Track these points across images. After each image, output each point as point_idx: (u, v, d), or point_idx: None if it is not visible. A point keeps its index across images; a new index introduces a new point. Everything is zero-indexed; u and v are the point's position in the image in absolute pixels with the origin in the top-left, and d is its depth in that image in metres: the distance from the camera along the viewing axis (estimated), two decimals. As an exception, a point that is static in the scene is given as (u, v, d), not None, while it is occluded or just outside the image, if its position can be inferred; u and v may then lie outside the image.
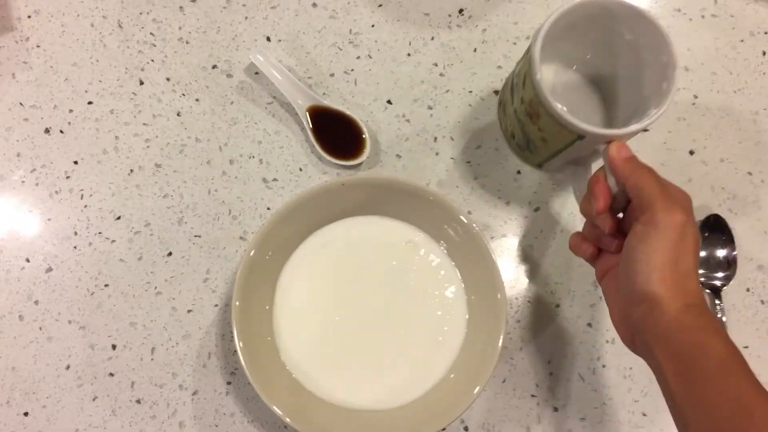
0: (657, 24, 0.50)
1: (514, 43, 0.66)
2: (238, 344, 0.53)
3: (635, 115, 0.53)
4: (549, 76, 0.60)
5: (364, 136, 0.62)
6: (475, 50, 0.65)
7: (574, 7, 0.51)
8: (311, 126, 0.62)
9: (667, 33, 0.50)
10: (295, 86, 0.62)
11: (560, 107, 0.50)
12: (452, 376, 0.56)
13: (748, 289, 0.61)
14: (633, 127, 0.50)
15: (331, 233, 0.60)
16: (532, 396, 0.59)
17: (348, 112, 0.62)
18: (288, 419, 0.52)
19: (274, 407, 0.52)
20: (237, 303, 0.54)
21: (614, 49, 0.56)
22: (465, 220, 0.56)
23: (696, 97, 0.65)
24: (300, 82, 0.62)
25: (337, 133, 0.63)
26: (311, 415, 0.54)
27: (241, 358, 0.53)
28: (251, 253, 0.55)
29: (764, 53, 0.66)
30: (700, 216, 0.61)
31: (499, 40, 0.66)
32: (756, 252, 0.61)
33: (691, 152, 0.64)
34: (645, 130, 0.57)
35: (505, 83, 0.62)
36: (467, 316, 0.58)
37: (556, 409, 0.59)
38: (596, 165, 0.53)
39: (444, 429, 0.57)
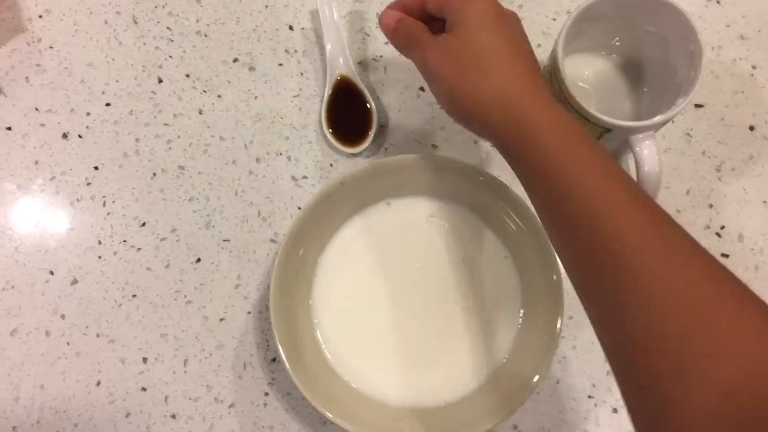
0: (683, 12, 0.49)
1: (554, 19, 0.61)
2: (282, 353, 0.50)
3: (667, 101, 0.51)
4: (578, 65, 0.57)
5: (370, 132, 0.58)
6: (511, 29, 0.61)
7: (595, 2, 0.50)
8: (330, 96, 0.59)
9: (692, 21, 0.48)
10: (341, 45, 0.59)
11: (584, 103, 0.49)
12: (508, 364, 0.53)
13: (820, 274, 0.56)
14: (659, 118, 0.48)
15: (366, 219, 0.57)
16: (589, 397, 0.55)
17: (370, 101, 0.59)
18: (339, 420, 0.49)
19: (324, 410, 0.49)
20: (274, 309, 0.51)
21: (642, 36, 0.54)
22: (517, 199, 0.52)
23: (754, 67, 0.60)
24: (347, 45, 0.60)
25: (350, 117, 0.59)
26: (360, 415, 0.52)
27: (288, 367, 0.50)
28: (283, 255, 0.52)
29: (827, 16, 0.61)
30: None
31: (537, 17, 0.61)
32: (827, 233, 0.57)
33: (751, 128, 0.59)
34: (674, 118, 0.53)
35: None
36: (521, 297, 0.55)
37: (615, 411, 0.55)
38: (629, 157, 0.49)
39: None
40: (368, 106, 0.59)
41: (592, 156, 0.38)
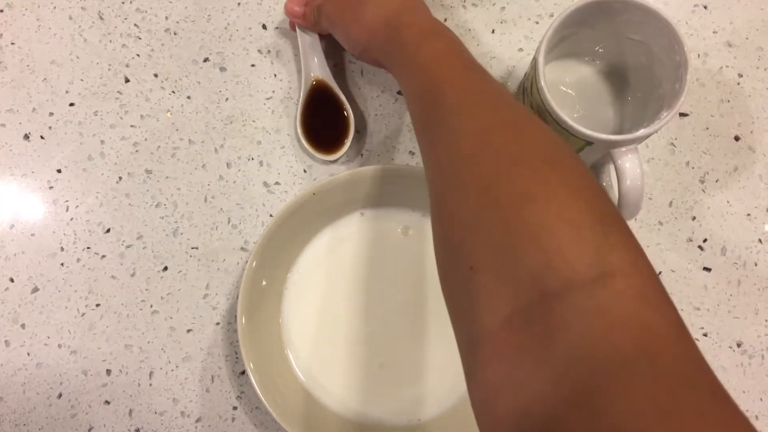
0: (669, 22, 0.47)
1: (537, 22, 0.59)
2: (248, 366, 0.48)
3: (651, 111, 0.50)
4: (561, 71, 0.56)
5: (346, 140, 0.56)
6: (493, 31, 0.59)
7: (579, 8, 0.48)
8: (305, 101, 0.57)
9: (679, 32, 0.46)
10: (315, 48, 0.57)
11: (567, 109, 0.48)
12: None
13: (803, 290, 0.55)
14: (641, 132, 0.46)
15: (340, 230, 0.55)
16: (566, 414, 0.54)
17: (346, 107, 0.56)
18: None
19: (291, 429, 0.48)
20: (243, 320, 0.49)
21: (626, 44, 0.52)
22: None
23: (741, 76, 0.58)
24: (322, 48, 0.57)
25: (326, 123, 0.57)
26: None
27: (253, 381, 0.48)
28: (253, 264, 0.50)
29: (816, 23, 0.59)
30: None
31: (519, 20, 0.59)
32: (811, 248, 0.55)
33: (737, 138, 0.57)
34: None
35: (519, 86, 0.57)
36: None
37: (592, 428, 0.54)
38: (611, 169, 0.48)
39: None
40: (345, 113, 0.56)
41: (443, 45, 0.43)
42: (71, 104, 0.57)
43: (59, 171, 0.57)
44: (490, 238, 0.31)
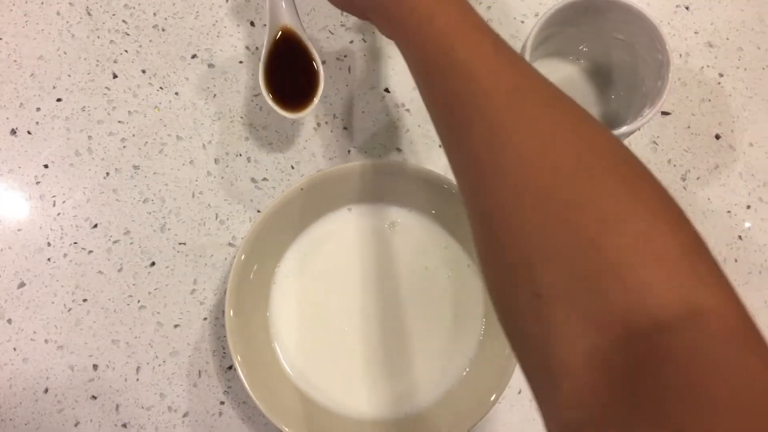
0: (651, 21, 0.48)
1: (522, 22, 0.60)
2: (235, 359, 0.49)
3: (634, 109, 0.51)
4: (546, 70, 0.56)
5: (315, 98, 0.51)
6: (479, 30, 0.60)
7: (563, 7, 0.49)
8: (269, 52, 0.51)
9: (661, 31, 0.48)
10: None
11: None
12: (469, 374, 0.52)
13: (781, 285, 0.56)
14: (624, 129, 0.47)
15: (327, 226, 0.55)
16: (551, 407, 0.55)
17: (316, 59, 0.51)
18: None
19: (279, 422, 0.48)
20: (231, 314, 0.49)
21: (610, 43, 0.53)
22: None
23: (721, 75, 0.59)
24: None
25: (292, 76, 0.52)
26: (316, 427, 0.50)
27: (241, 374, 0.48)
28: (241, 259, 0.50)
29: (794, 25, 0.60)
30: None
31: (505, 18, 0.60)
32: (790, 244, 0.57)
33: (717, 136, 0.58)
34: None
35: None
36: (483, 306, 0.54)
37: (576, 421, 0.54)
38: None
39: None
40: (314, 66, 0.51)
41: (459, 14, 0.36)
42: (59, 100, 0.57)
43: (46, 166, 0.57)
44: (562, 266, 0.28)
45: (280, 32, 0.51)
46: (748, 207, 0.57)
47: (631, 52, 0.52)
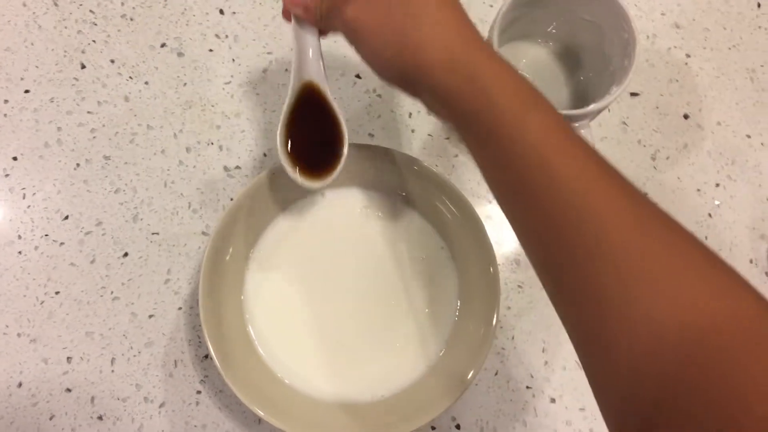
0: (616, 0, 0.49)
1: (491, 5, 0.60)
2: (210, 347, 0.48)
3: (603, 89, 0.51)
4: (515, 53, 0.57)
5: (337, 164, 0.48)
6: (449, 15, 0.60)
7: None
8: (291, 108, 0.47)
9: (627, 9, 0.48)
10: (313, 46, 0.46)
11: None
12: (444, 357, 0.53)
13: (751, 261, 0.57)
14: (592, 107, 0.48)
15: (300, 211, 0.55)
16: (527, 387, 0.55)
17: (340, 120, 0.47)
18: (272, 419, 0.48)
19: (257, 409, 0.48)
20: (205, 302, 0.49)
21: (577, 24, 0.54)
22: (455, 191, 0.52)
23: (688, 56, 0.60)
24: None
25: (311, 134, 0.48)
26: (294, 412, 0.50)
27: (216, 363, 0.48)
28: (214, 246, 0.50)
29: (759, 5, 0.61)
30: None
31: (473, 2, 0.60)
32: (758, 221, 0.57)
33: (686, 116, 0.59)
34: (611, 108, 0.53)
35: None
36: (457, 289, 0.54)
37: (553, 400, 0.55)
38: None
39: (434, 429, 0.53)
40: (337, 128, 0.47)
41: (550, 121, 0.34)
42: (26, 91, 0.57)
43: (15, 159, 0.56)
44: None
45: (303, 85, 0.47)
46: (717, 185, 0.58)
47: (599, 33, 0.52)
